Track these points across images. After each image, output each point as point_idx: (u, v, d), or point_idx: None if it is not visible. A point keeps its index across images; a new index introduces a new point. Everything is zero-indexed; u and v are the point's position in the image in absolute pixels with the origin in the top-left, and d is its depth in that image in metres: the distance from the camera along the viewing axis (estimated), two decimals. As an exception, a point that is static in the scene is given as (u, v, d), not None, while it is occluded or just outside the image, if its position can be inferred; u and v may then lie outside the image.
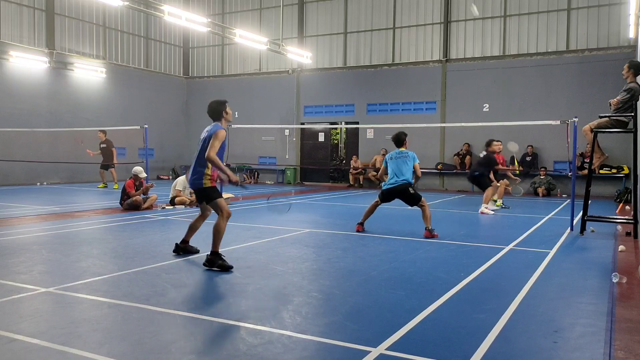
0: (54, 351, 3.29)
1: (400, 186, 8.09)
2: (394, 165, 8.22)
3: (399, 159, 8.26)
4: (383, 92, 20.12)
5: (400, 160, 8.24)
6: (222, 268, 5.57)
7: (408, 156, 8.29)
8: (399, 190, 8.13)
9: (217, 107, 6.21)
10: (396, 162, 8.23)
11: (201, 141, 5.95)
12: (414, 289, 4.97)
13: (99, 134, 17.09)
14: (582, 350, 3.46)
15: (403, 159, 8.26)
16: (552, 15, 17.82)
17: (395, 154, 8.35)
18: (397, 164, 8.21)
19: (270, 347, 3.42)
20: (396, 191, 8.16)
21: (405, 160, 8.24)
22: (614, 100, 8.15)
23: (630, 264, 6.22)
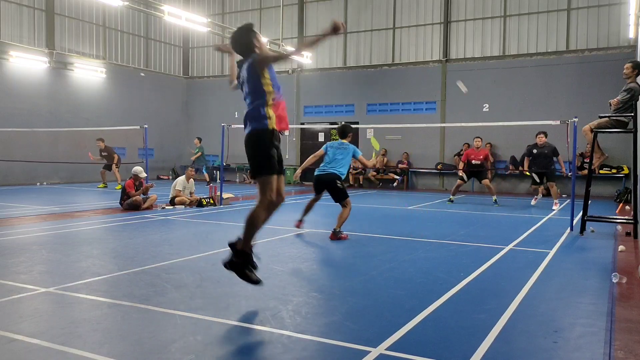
0: (54, 351, 3.29)
1: (329, 176, 7.83)
2: (330, 154, 8.03)
3: (338, 149, 8.07)
4: (383, 92, 20.13)
5: (338, 151, 8.03)
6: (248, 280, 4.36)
7: (347, 149, 8.06)
8: (326, 180, 7.86)
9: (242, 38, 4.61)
10: (334, 151, 8.03)
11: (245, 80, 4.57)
12: (414, 289, 4.97)
13: (97, 142, 17.06)
14: (582, 350, 3.46)
15: (342, 150, 8.05)
16: (552, 15, 17.82)
17: (337, 144, 8.17)
18: (334, 153, 8.01)
19: (270, 347, 3.42)
20: (324, 181, 7.89)
21: (343, 152, 8.00)
22: (614, 101, 8.15)
23: (630, 264, 6.22)
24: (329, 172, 7.86)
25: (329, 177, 7.84)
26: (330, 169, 7.86)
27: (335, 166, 7.88)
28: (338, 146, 8.10)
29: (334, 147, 8.10)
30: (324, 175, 7.89)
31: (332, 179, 7.82)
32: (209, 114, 23.54)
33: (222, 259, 4.61)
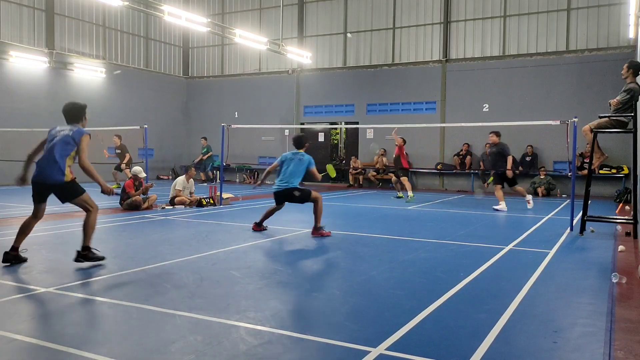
0: (54, 351, 3.29)
1: (285, 190, 8.01)
2: (285, 166, 8.12)
3: (292, 160, 8.14)
4: (383, 92, 20.13)
5: (292, 162, 8.10)
6: (98, 259, 5.64)
7: (302, 160, 8.13)
8: (285, 195, 8.06)
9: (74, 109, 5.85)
10: (289, 163, 8.11)
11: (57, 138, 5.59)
12: (414, 289, 4.97)
13: (114, 138, 16.75)
14: (582, 351, 3.46)
15: (297, 161, 8.12)
16: (552, 15, 17.82)
17: (291, 155, 8.23)
18: (288, 165, 8.09)
19: (270, 347, 3.42)
20: (283, 195, 8.09)
21: (298, 164, 8.08)
22: (614, 101, 8.16)
23: (630, 264, 6.22)
24: (286, 187, 8.02)
25: (286, 192, 8.03)
26: (285, 185, 8.02)
27: (290, 180, 8.00)
28: (292, 157, 8.17)
29: (288, 158, 8.18)
30: (282, 190, 8.06)
31: (289, 192, 8.00)
32: (209, 114, 23.54)
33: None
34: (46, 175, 5.50)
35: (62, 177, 5.49)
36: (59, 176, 5.49)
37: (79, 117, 5.86)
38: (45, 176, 5.51)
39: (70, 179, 5.60)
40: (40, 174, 5.54)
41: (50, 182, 5.53)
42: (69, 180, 5.57)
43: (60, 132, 5.66)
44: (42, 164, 5.56)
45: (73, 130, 5.64)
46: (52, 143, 5.60)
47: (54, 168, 5.48)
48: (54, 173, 5.48)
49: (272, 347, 3.41)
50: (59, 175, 5.48)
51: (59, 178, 5.49)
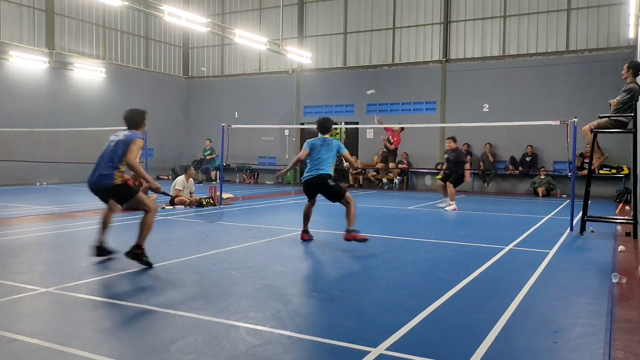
0: (54, 351, 3.29)
1: (318, 178, 7.18)
2: (315, 153, 7.33)
3: (322, 146, 7.38)
4: (383, 92, 20.12)
5: (322, 149, 7.35)
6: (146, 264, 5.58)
7: (331, 145, 7.41)
8: (317, 184, 7.23)
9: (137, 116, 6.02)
10: (318, 150, 7.34)
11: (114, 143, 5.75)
12: (414, 289, 4.97)
13: None
14: (582, 351, 3.46)
15: (326, 147, 7.38)
16: (552, 15, 17.82)
17: (320, 141, 7.45)
18: (318, 152, 7.32)
19: (270, 347, 3.42)
20: (314, 184, 7.25)
21: (327, 149, 7.35)
22: (614, 101, 8.16)
23: (630, 264, 6.22)
24: (318, 174, 7.22)
25: (318, 180, 7.23)
26: (317, 171, 7.23)
27: (322, 166, 7.25)
28: (322, 143, 7.45)
29: (317, 144, 7.43)
30: (313, 178, 7.26)
31: (322, 180, 7.19)
32: (209, 114, 23.54)
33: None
34: (95, 181, 5.65)
35: (111, 181, 5.61)
36: (108, 181, 5.61)
37: (139, 123, 5.98)
38: (94, 183, 5.66)
39: (121, 182, 5.68)
40: (91, 178, 5.69)
41: (100, 187, 5.68)
42: (119, 183, 5.66)
43: (117, 136, 5.81)
44: (94, 169, 5.72)
45: (127, 135, 5.76)
46: (107, 148, 5.76)
47: (103, 173, 5.61)
48: (103, 178, 5.61)
49: (272, 347, 3.41)
50: (108, 180, 5.60)
51: (108, 182, 5.62)
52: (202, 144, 22.42)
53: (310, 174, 7.29)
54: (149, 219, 5.74)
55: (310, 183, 7.31)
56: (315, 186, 7.29)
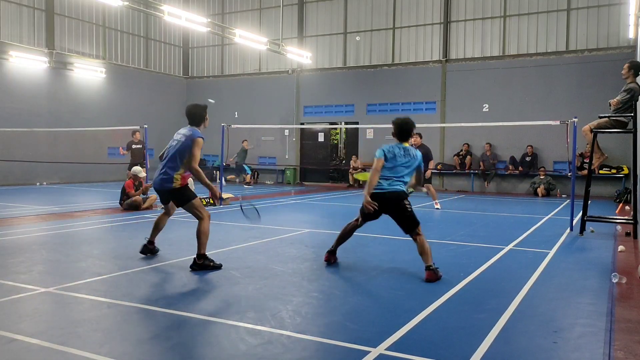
0: (54, 351, 3.29)
1: (393, 194, 5.55)
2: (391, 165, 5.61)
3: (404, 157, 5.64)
4: (383, 92, 20.13)
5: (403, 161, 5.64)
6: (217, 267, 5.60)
7: (416, 158, 5.74)
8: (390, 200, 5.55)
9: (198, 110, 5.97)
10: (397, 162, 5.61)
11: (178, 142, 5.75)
12: (414, 289, 4.97)
13: (135, 133, 15.70)
14: (582, 351, 3.46)
15: (408, 159, 5.66)
16: (552, 15, 17.82)
17: (401, 151, 5.66)
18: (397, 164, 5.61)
19: (270, 347, 3.42)
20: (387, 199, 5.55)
21: (409, 163, 5.67)
22: (614, 101, 8.16)
23: (630, 264, 6.22)
24: (394, 190, 5.54)
25: (394, 195, 5.54)
26: (392, 186, 5.55)
27: (398, 182, 5.60)
28: (404, 154, 5.66)
29: (398, 154, 5.63)
30: (387, 193, 5.53)
31: (399, 198, 5.55)
32: (209, 114, 23.42)
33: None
34: (159, 183, 5.72)
35: (170, 184, 5.64)
36: (167, 184, 5.65)
37: (201, 118, 5.91)
38: (158, 184, 5.74)
39: (180, 185, 5.68)
40: (155, 180, 5.79)
41: (161, 189, 5.74)
42: (177, 186, 5.66)
43: (178, 136, 5.77)
44: (158, 172, 5.78)
45: (186, 135, 5.68)
46: (168, 150, 5.78)
47: (163, 176, 5.67)
48: (164, 181, 5.66)
49: (272, 347, 3.41)
50: (167, 182, 5.65)
51: (167, 185, 5.66)
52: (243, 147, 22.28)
53: (384, 188, 5.56)
54: (204, 226, 5.68)
55: (382, 197, 5.53)
56: (386, 202, 5.55)
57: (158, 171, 5.76)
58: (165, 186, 5.66)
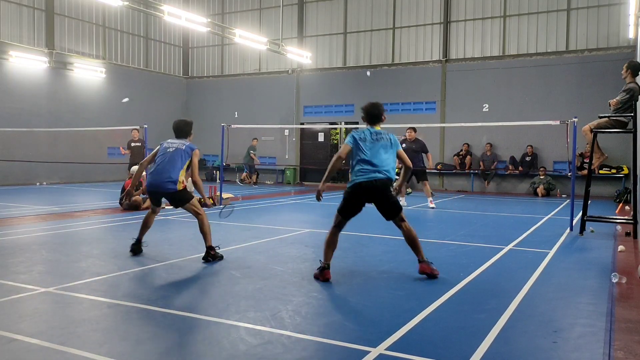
0: (54, 351, 3.29)
1: (378, 183, 5.24)
2: (369, 150, 5.32)
3: (377, 142, 5.39)
4: (383, 92, 20.11)
5: (379, 146, 5.38)
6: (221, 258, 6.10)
7: (392, 140, 5.48)
8: (375, 189, 5.25)
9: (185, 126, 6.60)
10: (373, 145, 5.36)
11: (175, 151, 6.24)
12: (414, 289, 4.97)
13: (133, 131, 15.76)
14: (582, 351, 3.46)
15: (384, 142, 5.42)
16: (552, 15, 17.82)
17: (372, 135, 5.42)
18: (374, 148, 5.35)
19: (270, 347, 3.42)
20: (371, 189, 5.25)
21: (386, 147, 5.40)
22: (614, 101, 8.16)
23: (630, 264, 6.22)
24: (379, 178, 5.26)
25: (379, 184, 5.26)
26: (376, 174, 5.27)
27: (382, 168, 5.30)
28: (376, 137, 5.41)
29: (369, 139, 5.39)
30: (371, 182, 5.24)
31: (382, 187, 5.29)
32: (209, 114, 23.53)
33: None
34: (160, 184, 6.08)
35: (174, 186, 6.07)
36: (172, 186, 6.07)
37: (187, 132, 6.54)
38: (159, 185, 6.09)
39: (182, 188, 6.18)
40: (155, 182, 6.12)
41: (163, 190, 6.12)
42: (180, 189, 6.14)
43: (173, 145, 6.29)
44: (157, 174, 6.12)
45: (185, 144, 6.27)
46: (165, 156, 6.18)
47: (168, 179, 6.05)
48: (168, 183, 6.06)
49: (272, 347, 3.41)
50: (171, 185, 6.06)
51: (172, 187, 6.08)
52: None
53: (369, 176, 5.26)
54: (205, 221, 6.16)
55: (365, 187, 5.25)
56: (370, 192, 5.28)
57: (157, 174, 6.08)
58: (169, 188, 6.05)
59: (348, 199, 5.39)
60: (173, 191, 6.07)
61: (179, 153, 6.16)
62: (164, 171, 6.06)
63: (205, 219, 6.15)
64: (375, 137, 5.41)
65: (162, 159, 6.15)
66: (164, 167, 6.08)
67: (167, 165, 6.07)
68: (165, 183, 6.04)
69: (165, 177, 6.03)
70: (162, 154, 6.20)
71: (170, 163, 6.08)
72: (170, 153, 6.16)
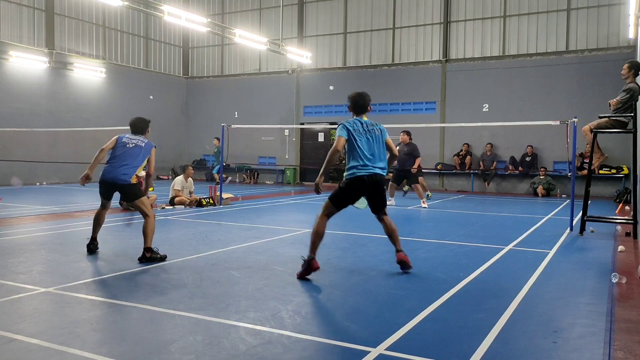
0: (54, 351, 3.29)
1: (373, 178, 5.27)
2: (365, 143, 5.30)
3: (370, 133, 5.36)
4: (383, 92, 20.11)
5: (372, 137, 5.37)
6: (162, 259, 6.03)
7: (381, 131, 5.47)
8: (373, 184, 5.29)
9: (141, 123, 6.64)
10: (367, 137, 5.34)
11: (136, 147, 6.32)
12: (414, 289, 4.97)
13: None
14: (582, 351, 3.46)
15: (376, 135, 5.40)
16: (552, 16, 17.82)
17: (364, 126, 5.38)
18: (368, 140, 5.33)
19: (270, 347, 3.42)
20: (370, 184, 5.28)
21: (379, 137, 5.42)
22: (613, 101, 8.16)
23: (630, 264, 6.22)
24: (380, 173, 5.32)
25: (377, 178, 5.31)
26: (374, 169, 5.29)
27: (377, 162, 5.34)
28: (369, 128, 5.39)
29: (362, 130, 5.33)
30: (370, 176, 5.26)
31: (376, 183, 5.32)
32: (209, 114, 23.55)
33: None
34: (116, 176, 6.12)
35: (129, 179, 6.13)
36: (126, 178, 6.13)
37: (144, 129, 6.61)
38: (115, 177, 6.13)
39: (135, 182, 6.22)
40: (110, 174, 6.17)
41: (118, 182, 6.15)
42: (134, 182, 6.19)
43: (132, 140, 6.35)
44: (114, 166, 6.17)
45: (144, 142, 6.38)
46: (124, 149, 6.25)
47: (124, 171, 6.12)
48: (124, 175, 6.12)
49: (272, 347, 3.41)
50: (127, 177, 6.13)
51: (126, 179, 6.13)
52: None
53: (368, 171, 5.23)
54: (151, 223, 6.14)
55: (367, 182, 5.24)
56: (371, 186, 5.30)
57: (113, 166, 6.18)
58: (122, 179, 6.10)
59: (346, 190, 5.37)
60: (126, 183, 6.12)
61: (139, 150, 6.27)
62: (121, 165, 6.15)
63: (152, 222, 6.13)
64: (367, 128, 5.38)
65: (120, 152, 6.23)
66: (122, 161, 6.17)
67: (127, 160, 6.17)
68: (120, 175, 6.11)
69: (122, 171, 6.13)
70: (122, 148, 6.27)
71: (130, 158, 6.18)
72: (129, 148, 6.25)
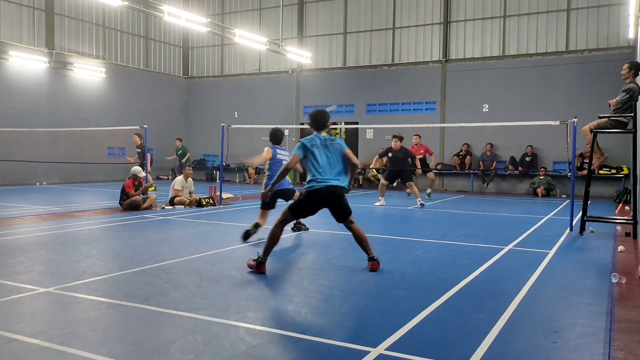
0: (54, 351, 3.29)
1: (330, 190, 5.57)
2: (324, 157, 5.64)
3: (327, 148, 5.70)
4: (383, 92, 20.13)
5: (329, 151, 5.69)
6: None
7: (341, 145, 5.78)
8: (331, 195, 5.60)
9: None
10: (321, 153, 5.65)
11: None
12: (414, 289, 4.97)
13: (134, 137, 15.70)
14: (582, 351, 3.46)
15: (334, 148, 5.72)
16: (551, 16, 17.82)
17: (322, 141, 5.72)
18: (322, 155, 5.64)
19: (270, 347, 3.42)
20: (328, 195, 5.59)
21: (335, 152, 5.71)
22: (613, 101, 8.16)
23: (630, 264, 6.22)
24: (332, 185, 5.59)
25: (336, 190, 5.63)
26: (332, 181, 5.60)
27: (336, 175, 5.68)
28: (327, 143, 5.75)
29: (320, 145, 5.71)
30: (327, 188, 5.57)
31: (335, 194, 5.63)
32: (208, 114, 23.54)
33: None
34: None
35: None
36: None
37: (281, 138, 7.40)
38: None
39: None
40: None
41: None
42: None
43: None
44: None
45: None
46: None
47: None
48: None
49: (272, 347, 3.41)
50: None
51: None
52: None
53: (325, 184, 5.57)
54: None
55: (324, 194, 5.58)
56: (328, 198, 5.63)
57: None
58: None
59: (305, 202, 5.73)
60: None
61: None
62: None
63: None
64: (325, 144, 5.73)
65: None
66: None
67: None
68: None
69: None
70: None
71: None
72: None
